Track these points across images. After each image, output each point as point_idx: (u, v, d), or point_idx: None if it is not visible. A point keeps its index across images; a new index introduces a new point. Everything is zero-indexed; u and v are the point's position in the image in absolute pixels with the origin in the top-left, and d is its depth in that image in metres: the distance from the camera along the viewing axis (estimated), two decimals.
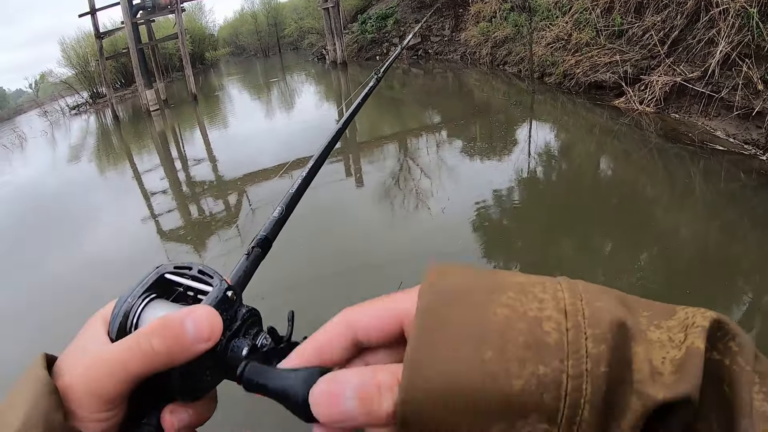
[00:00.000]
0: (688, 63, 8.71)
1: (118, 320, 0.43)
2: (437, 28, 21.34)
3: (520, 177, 7.18)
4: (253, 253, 0.57)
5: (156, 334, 0.39)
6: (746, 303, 4.06)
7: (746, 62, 7.36)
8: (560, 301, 0.32)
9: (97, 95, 30.92)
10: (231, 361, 0.42)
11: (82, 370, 0.39)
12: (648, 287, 4.25)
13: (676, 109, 8.58)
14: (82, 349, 0.42)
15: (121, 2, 19.34)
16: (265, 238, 0.58)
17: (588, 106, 10.11)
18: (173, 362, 0.39)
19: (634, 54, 9.96)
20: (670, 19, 9.53)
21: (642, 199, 6.23)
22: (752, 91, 7.15)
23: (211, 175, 9.97)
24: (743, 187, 5.96)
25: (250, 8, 45.47)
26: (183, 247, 6.56)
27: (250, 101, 21.14)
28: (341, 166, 8.94)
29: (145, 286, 0.45)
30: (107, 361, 0.39)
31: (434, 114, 12.57)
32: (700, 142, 7.22)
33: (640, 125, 8.44)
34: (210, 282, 0.45)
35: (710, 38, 8.31)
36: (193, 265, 0.47)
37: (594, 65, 10.71)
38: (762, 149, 6.56)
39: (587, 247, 5.20)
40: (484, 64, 16.73)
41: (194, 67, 39.41)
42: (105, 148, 16.15)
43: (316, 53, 30.08)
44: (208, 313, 0.41)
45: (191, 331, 0.39)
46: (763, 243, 4.82)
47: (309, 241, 5.76)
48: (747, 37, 7.53)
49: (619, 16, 10.84)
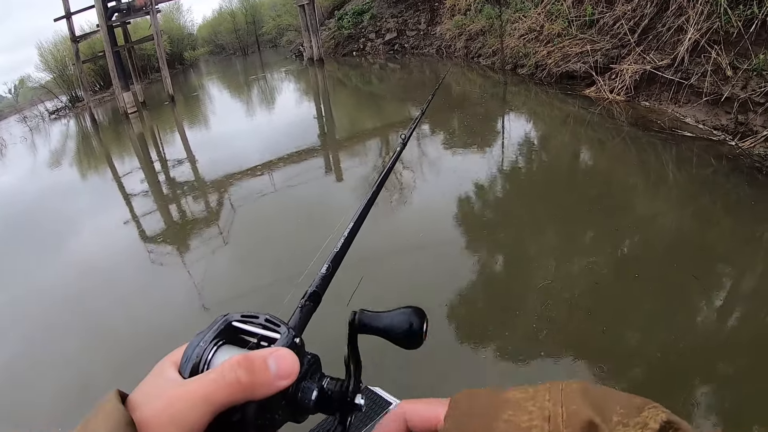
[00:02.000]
0: (658, 51, 8.60)
1: (191, 362, 0.44)
2: (413, 23, 21.12)
3: (491, 169, 7.01)
4: (306, 308, 0.59)
5: (242, 367, 0.42)
6: (718, 288, 3.95)
7: (715, 48, 7.25)
8: (545, 410, 0.43)
9: (77, 99, 30.18)
10: (300, 402, 0.46)
11: (165, 403, 0.40)
12: (622, 276, 4.14)
13: (646, 97, 8.47)
14: (156, 386, 0.43)
15: (95, 5, 18.83)
16: (315, 293, 0.61)
17: (560, 96, 9.96)
18: (253, 396, 0.42)
19: (605, 43, 9.83)
20: (640, 7, 9.40)
21: (614, 188, 6.07)
22: (721, 77, 7.04)
23: (191, 175, 9.68)
24: (715, 173, 5.84)
25: (228, 6, 44.95)
26: (165, 248, 6.42)
27: (228, 101, 20.79)
28: (321, 162, 8.80)
29: (215, 333, 0.47)
30: (191, 392, 0.40)
31: (411, 109, 12.36)
32: (670, 129, 7.09)
33: (612, 114, 8.31)
34: (277, 330, 0.48)
35: (679, 26, 8.20)
36: (259, 314, 0.49)
37: (565, 55, 10.58)
38: (731, 134, 6.45)
39: (562, 237, 5.07)
40: (459, 57, 16.57)
41: (173, 67, 38.98)
42: (83, 152, 15.74)
43: (294, 50, 29.76)
44: (289, 353, 0.44)
45: (273, 368, 0.43)
46: (736, 227, 4.75)
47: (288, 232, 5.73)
48: (716, 23, 7.42)
49: (590, 6, 10.70)
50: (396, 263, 4.86)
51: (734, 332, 3.46)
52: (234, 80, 27.42)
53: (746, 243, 4.47)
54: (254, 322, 0.49)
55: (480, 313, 4.03)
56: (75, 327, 4.93)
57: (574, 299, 3.87)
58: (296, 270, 4.74)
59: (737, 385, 2.99)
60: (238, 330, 0.49)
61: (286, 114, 14.29)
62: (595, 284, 4.04)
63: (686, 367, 3.11)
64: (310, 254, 3.67)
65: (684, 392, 2.92)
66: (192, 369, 0.44)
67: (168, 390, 0.42)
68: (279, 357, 0.43)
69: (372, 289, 4.32)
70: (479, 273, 4.52)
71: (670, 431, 0.39)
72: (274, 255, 5.47)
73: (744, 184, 5.42)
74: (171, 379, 0.44)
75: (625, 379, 3.11)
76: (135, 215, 8.00)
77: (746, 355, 3.22)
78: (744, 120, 6.39)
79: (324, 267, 0.65)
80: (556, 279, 4.17)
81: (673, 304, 3.66)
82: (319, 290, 0.61)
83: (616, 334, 3.46)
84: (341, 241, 0.70)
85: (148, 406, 0.40)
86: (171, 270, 5.77)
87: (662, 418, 0.39)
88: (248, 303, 4.44)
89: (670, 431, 0.39)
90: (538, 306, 3.84)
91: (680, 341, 3.30)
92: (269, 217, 6.67)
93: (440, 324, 3.77)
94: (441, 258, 4.83)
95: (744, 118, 6.39)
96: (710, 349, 3.28)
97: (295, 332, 0.48)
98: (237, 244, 6.08)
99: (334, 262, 0.66)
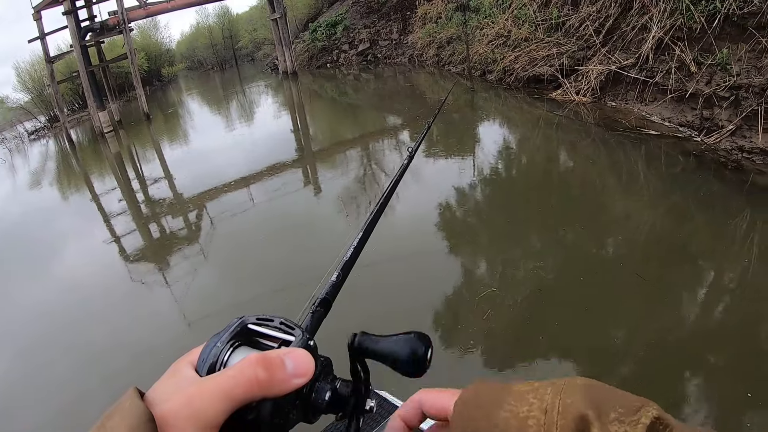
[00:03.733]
0: (623, 50, 8.38)
1: (208, 362, 0.44)
2: (386, 32, 20.90)
3: (459, 175, 6.73)
4: (317, 313, 0.58)
5: (260, 364, 0.42)
6: (690, 282, 3.78)
7: (679, 45, 7.04)
8: (544, 402, 0.43)
9: (55, 119, 29.47)
10: (314, 402, 0.47)
11: (185, 399, 0.40)
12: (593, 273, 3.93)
13: (612, 97, 8.22)
14: (174, 384, 0.43)
15: (68, 25, 18.35)
16: (325, 299, 0.61)
17: (528, 100, 9.71)
18: (270, 392, 0.42)
19: (571, 45, 9.61)
20: (605, 8, 9.20)
21: (585, 189, 5.82)
22: (685, 73, 6.82)
23: (168, 193, 9.26)
24: (683, 171, 5.60)
25: (205, 22, 44.41)
26: (146, 266, 6.14)
27: (205, 116, 20.21)
28: (299, 175, 8.55)
29: (231, 334, 0.46)
30: (210, 389, 0.40)
31: (389, 118, 12.13)
32: (635, 128, 6.82)
33: (579, 116, 8.04)
34: (291, 332, 0.48)
35: (643, 24, 7.99)
36: (274, 317, 0.49)
37: (532, 60, 10.34)
38: (697, 130, 6.21)
39: (515, 243, 4.80)
40: (431, 65, 16.35)
41: (151, 84, 38.46)
42: (61, 174, 15.12)
43: (270, 64, 29.44)
44: (305, 353, 0.44)
45: (290, 367, 0.43)
46: (710, 222, 4.57)
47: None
48: (679, 20, 7.22)
49: (556, 9, 10.50)
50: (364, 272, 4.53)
51: (686, 335, 3.26)
52: (211, 95, 26.92)
53: (714, 239, 4.28)
54: (269, 325, 0.49)
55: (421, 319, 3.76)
56: (55, 345, 4.70)
57: (516, 307, 3.68)
58: (275, 283, 4.72)
59: (681, 393, 2.82)
60: (253, 332, 0.48)
61: (262, 128, 13.94)
62: (539, 291, 3.85)
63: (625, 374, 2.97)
64: (289, 266, 4.87)
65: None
66: (209, 368, 0.44)
67: (187, 387, 0.42)
68: (295, 357, 0.44)
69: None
70: (429, 281, 4.21)
71: (660, 427, 0.40)
72: (253, 269, 5.30)
73: (711, 180, 5.21)
74: (189, 377, 0.44)
75: None
76: (114, 235, 7.61)
77: (700, 356, 3.05)
78: (709, 115, 6.15)
79: (334, 275, 0.65)
80: (500, 287, 3.95)
81: (619, 306, 3.53)
82: (329, 297, 0.62)
83: (553, 342, 3.28)
84: (350, 250, 0.70)
85: (167, 402, 0.40)
86: (150, 287, 5.51)
87: (653, 414, 0.40)
88: (230, 316, 4.21)
89: (660, 427, 0.40)
90: (480, 316, 3.61)
91: (623, 346, 3.16)
92: (248, 232, 6.41)
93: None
94: (398, 272, 4.49)
95: (709, 114, 6.16)
96: (657, 351, 3.07)
97: (309, 335, 0.48)
98: (217, 260, 5.87)
99: (344, 270, 0.67)
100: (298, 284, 4.46)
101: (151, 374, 0.45)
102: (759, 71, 5.89)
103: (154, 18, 35.92)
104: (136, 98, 30.16)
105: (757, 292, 3.50)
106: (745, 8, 6.33)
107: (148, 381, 0.45)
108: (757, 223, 4.35)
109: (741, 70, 6.10)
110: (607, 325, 3.33)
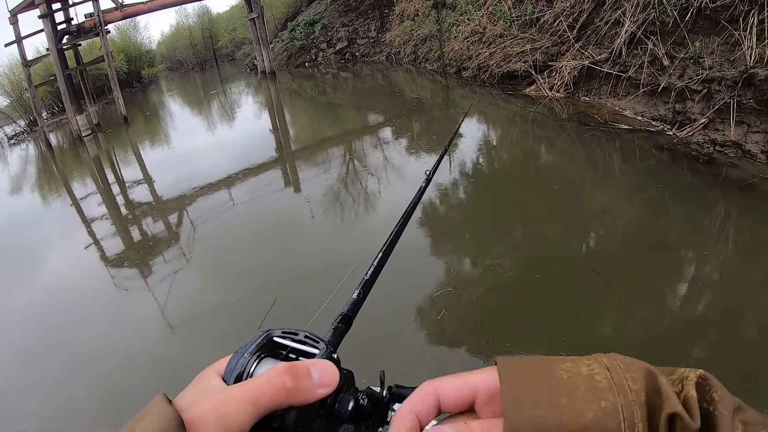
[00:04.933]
0: (597, 45, 8.20)
1: (235, 372, 0.45)
2: (363, 31, 20.59)
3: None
4: (339, 329, 0.59)
5: (287, 373, 0.42)
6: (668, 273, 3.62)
7: (652, 39, 6.86)
8: (602, 363, 0.42)
9: (35, 123, 28.79)
10: (337, 412, 0.47)
11: (213, 404, 0.40)
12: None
13: (586, 92, 8.03)
14: (202, 391, 0.44)
15: (44, 29, 17.75)
16: (346, 315, 0.62)
17: (503, 96, 9.47)
18: (296, 401, 0.42)
19: (546, 41, 9.40)
20: (578, 3, 9.02)
21: (559, 184, 5.62)
22: (658, 67, 6.64)
23: (148, 196, 8.83)
24: (656, 165, 5.40)
25: (185, 22, 43.49)
26: (127, 271, 5.84)
27: (184, 118, 19.58)
28: (278, 175, 8.29)
29: (258, 346, 0.47)
30: (238, 395, 0.41)
31: (369, 117, 11.85)
32: (609, 122, 6.62)
33: (553, 111, 7.83)
34: (316, 345, 0.49)
35: (616, 19, 7.81)
36: (299, 331, 0.51)
37: (507, 56, 10.12)
38: (669, 124, 6.02)
39: (497, 234, 4.64)
40: (408, 62, 16.09)
41: (131, 86, 37.67)
42: (40, 178, 14.46)
43: (249, 64, 28.98)
44: (330, 365, 0.45)
45: (316, 377, 0.44)
46: (683, 217, 4.40)
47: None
48: (652, 14, 7.05)
49: (530, 5, 10.30)
50: (312, 282, 4.32)
51: (641, 333, 3.09)
52: (190, 96, 26.30)
53: (682, 233, 4.13)
54: (294, 338, 0.50)
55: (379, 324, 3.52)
56: (37, 351, 4.50)
57: (471, 306, 3.54)
58: (258, 284, 4.60)
59: None
60: (279, 345, 0.49)
61: (241, 129, 13.61)
62: (494, 288, 3.72)
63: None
64: (270, 267, 4.87)
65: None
66: (236, 378, 0.45)
67: (215, 393, 0.42)
68: (321, 367, 0.44)
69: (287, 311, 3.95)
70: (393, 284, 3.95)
71: (706, 387, 0.40)
72: (236, 271, 5.10)
73: (684, 174, 5.03)
74: (216, 385, 0.44)
75: None
76: (94, 239, 7.20)
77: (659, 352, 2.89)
78: (682, 109, 5.96)
79: (355, 293, 0.66)
80: (456, 286, 3.80)
81: (574, 304, 3.38)
82: (350, 313, 0.63)
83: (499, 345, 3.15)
84: (371, 269, 0.71)
85: (195, 407, 0.40)
86: (132, 292, 5.26)
87: (699, 374, 0.41)
88: (214, 320, 4.19)
89: (706, 387, 0.40)
90: (434, 316, 3.47)
91: (570, 347, 2.98)
92: (228, 234, 6.14)
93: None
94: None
95: (682, 107, 5.97)
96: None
97: (332, 348, 0.50)
98: (198, 263, 5.63)
99: (365, 288, 0.68)
100: (279, 284, 4.42)
101: (136, 381, 1.30)
102: (732, 64, 5.72)
103: (134, 19, 35.18)
104: (114, 101, 29.62)
105: (718, 289, 3.39)
106: (718, 1, 6.17)
107: (130, 387, 0.49)
108: (732, 216, 4.20)
109: (714, 63, 5.93)
110: (557, 324, 3.19)
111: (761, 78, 5.05)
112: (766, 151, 4.89)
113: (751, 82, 5.18)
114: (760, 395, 2.45)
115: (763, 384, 2.56)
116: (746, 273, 3.52)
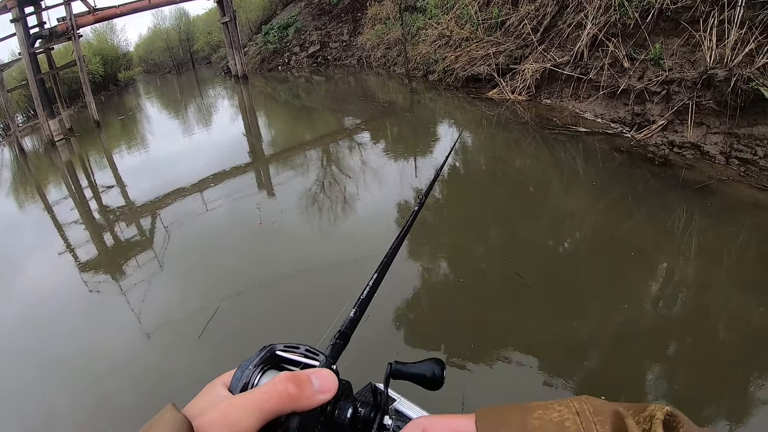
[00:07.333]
0: (559, 48, 7.93)
1: (241, 382, 0.46)
2: (336, 34, 20.19)
3: (392, 176, 6.22)
4: (336, 345, 0.60)
5: (291, 381, 0.44)
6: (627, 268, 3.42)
7: (613, 41, 6.59)
8: (572, 408, 0.43)
9: (8, 128, 27.90)
10: (336, 419, 0.48)
11: (221, 411, 0.41)
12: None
13: (548, 95, 7.74)
14: (210, 400, 0.44)
15: (17, 33, 17.07)
16: (344, 332, 0.62)
17: (468, 99, 9.15)
18: (299, 406, 0.44)
19: (510, 44, 9.11)
20: (543, 6, 8.78)
21: (520, 187, 5.33)
22: (618, 69, 6.37)
23: (121, 201, 8.27)
24: (611, 168, 5.13)
25: (162, 24, 42.49)
26: (100, 276, 5.44)
27: (158, 122, 18.90)
28: (252, 179, 7.86)
29: (262, 359, 0.48)
30: (245, 402, 0.42)
31: (343, 120, 11.41)
32: (569, 125, 6.33)
33: (515, 113, 7.52)
34: (316, 358, 0.50)
35: (579, 22, 7.56)
36: (300, 345, 0.51)
37: (471, 59, 9.82)
38: (628, 126, 5.75)
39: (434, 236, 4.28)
40: (378, 66, 15.76)
41: (107, 89, 36.70)
42: (11, 184, 14.03)
43: (223, 67, 28.41)
44: (329, 373, 0.47)
45: (317, 384, 0.45)
46: (647, 217, 4.12)
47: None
48: (613, 16, 6.80)
49: (496, 8, 10.05)
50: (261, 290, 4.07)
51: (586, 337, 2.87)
52: (165, 99, 25.72)
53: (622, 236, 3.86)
54: (295, 351, 0.51)
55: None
56: (11, 361, 4.15)
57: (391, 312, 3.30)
58: (231, 289, 4.35)
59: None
60: (281, 358, 0.50)
61: (215, 133, 13.06)
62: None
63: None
64: (244, 272, 4.67)
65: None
66: (242, 388, 0.46)
67: (222, 401, 0.43)
68: (321, 375, 0.46)
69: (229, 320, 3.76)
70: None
71: (674, 423, 0.41)
72: (209, 275, 4.85)
73: (644, 176, 4.74)
74: (223, 394, 0.45)
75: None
76: (67, 245, 6.64)
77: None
78: (641, 111, 5.69)
79: (352, 311, 0.67)
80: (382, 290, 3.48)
81: (495, 308, 3.18)
82: (347, 330, 0.63)
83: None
84: (367, 289, 0.71)
85: (204, 415, 0.41)
86: (106, 298, 4.86)
87: (666, 411, 0.41)
88: (188, 325, 3.88)
89: (674, 423, 0.41)
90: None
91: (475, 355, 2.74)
92: (203, 238, 5.79)
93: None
94: (316, 284, 3.97)
95: (641, 109, 5.70)
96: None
97: (331, 360, 0.51)
98: (172, 268, 5.26)
99: (361, 307, 0.68)
100: (250, 288, 4.23)
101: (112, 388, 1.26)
102: (692, 65, 5.47)
103: (110, 21, 34.40)
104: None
105: (683, 291, 3.12)
106: (679, 2, 5.93)
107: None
108: (686, 217, 3.93)
109: (674, 65, 5.67)
110: (472, 331, 2.95)
111: (720, 79, 4.78)
112: (724, 152, 4.62)
113: (711, 83, 4.93)
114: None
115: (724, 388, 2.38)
116: (707, 275, 3.31)
